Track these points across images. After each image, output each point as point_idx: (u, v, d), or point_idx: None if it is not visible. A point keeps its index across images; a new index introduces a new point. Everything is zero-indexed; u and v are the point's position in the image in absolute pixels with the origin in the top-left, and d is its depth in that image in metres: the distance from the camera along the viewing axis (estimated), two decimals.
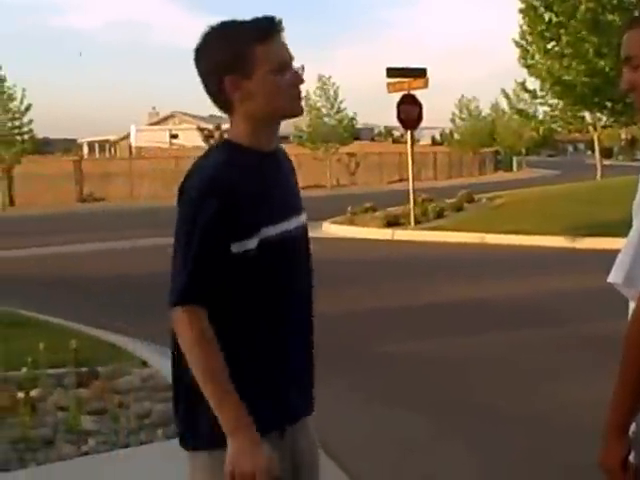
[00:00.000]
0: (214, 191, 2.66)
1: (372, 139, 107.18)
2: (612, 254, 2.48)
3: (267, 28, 2.78)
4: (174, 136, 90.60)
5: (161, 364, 8.06)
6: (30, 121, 48.89)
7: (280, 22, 2.80)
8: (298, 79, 2.83)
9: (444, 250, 19.79)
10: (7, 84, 47.81)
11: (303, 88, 2.90)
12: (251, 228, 2.71)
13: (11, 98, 47.90)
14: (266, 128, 2.86)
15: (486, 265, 16.88)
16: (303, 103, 2.97)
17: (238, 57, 2.74)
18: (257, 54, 2.74)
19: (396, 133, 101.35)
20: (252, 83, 2.75)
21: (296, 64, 2.85)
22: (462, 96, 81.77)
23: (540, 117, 41.61)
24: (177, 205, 2.76)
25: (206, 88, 2.86)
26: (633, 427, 2.46)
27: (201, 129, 59.08)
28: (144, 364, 8.33)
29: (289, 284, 2.86)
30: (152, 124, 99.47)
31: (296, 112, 2.89)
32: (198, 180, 2.71)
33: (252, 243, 2.71)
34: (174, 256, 2.72)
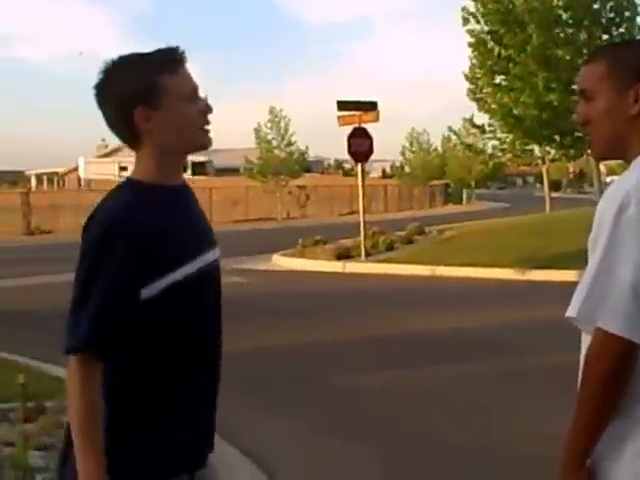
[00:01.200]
0: (125, 232, 2.57)
1: (323, 172, 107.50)
2: (562, 286, 2.52)
3: (173, 58, 2.73)
4: (123, 168, 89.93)
5: None
6: None
7: (184, 52, 2.75)
8: (207, 108, 2.78)
9: (395, 282, 19.83)
10: None
11: (213, 118, 2.81)
12: (165, 268, 2.62)
13: None
14: (174, 161, 2.78)
15: (437, 297, 16.93)
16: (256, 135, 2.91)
17: (146, 87, 2.66)
18: (165, 84, 2.68)
19: (347, 166, 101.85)
20: (161, 114, 2.68)
21: (202, 94, 2.80)
22: (412, 129, 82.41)
23: (489, 151, 41.97)
24: (81, 245, 2.66)
25: (111, 124, 2.76)
26: (588, 462, 2.46)
27: None
28: None
29: (202, 324, 2.77)
30: (101, 156, 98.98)
31: (204, 144, 2.81)
32: (106, 220, 2.60)
33: (165, 283, 2.62)
34: (73, 299, 2.58)
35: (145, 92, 2.66)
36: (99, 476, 2.51)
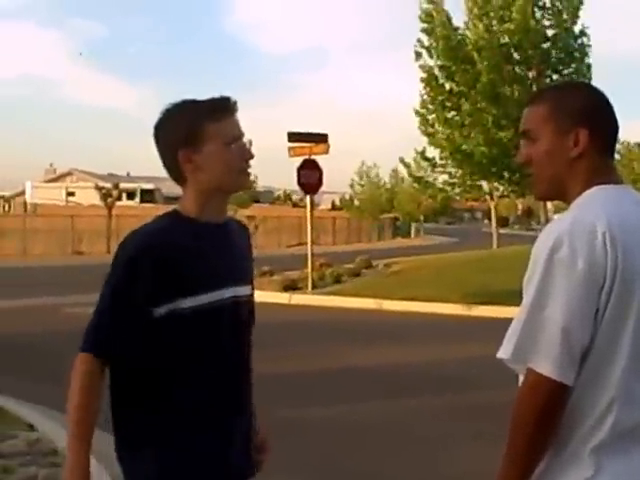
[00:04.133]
0: (148, 253, 2.88)
1: (272, 202, 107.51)
2: (507, 322, 2.49)
3: (220, 108, 3.03)
4: (71, 194, 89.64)
5: (47, 428, 7.82)
6: None
7: (235, 103, 3.06)
8: (245, 153, 3.08)
9: (341, 315, 19.78)
10: None
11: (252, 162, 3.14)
12: (180, 293, 2.90)
13: None
14: (214, 200, 3.06)
15: (383, 331, 16.91)
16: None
17: (190, 133, 2.98)
18: (208, 131, 2.99)
19: (295, 197, 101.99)
20: (202, 156, 2.98)
21: (245, 140, 3.11)
22: (362, 163, 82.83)
23: (439, 185, 42.20)
24: (112, 260, 2.96)
25: (162, 161, 3.08)
26: None
27: (99, 187, 58.41)
28: (30, 427, 8.07)
29: (216, 350, 3.02)
30: (49, 181, 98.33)
31: (242, 185, 3.17)
32: (130, 242, 2.94)
33: (176, 306, 2.90)
34: (95, 307, 2.93)
35: (188, 137, 2.99)
36: (84, 470, 2.80)
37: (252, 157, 3.12)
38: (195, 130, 2.98)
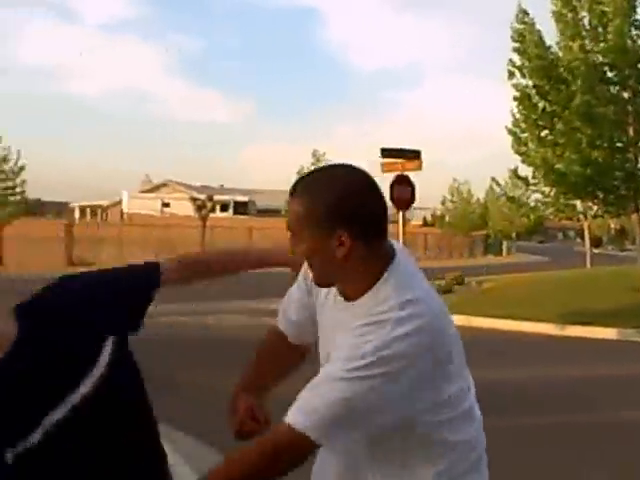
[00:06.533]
0: None
1: None
2: (600, 343, 2.52)
3: None
4: (166, 204, 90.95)
5: None
6: (23, 182, 48.39)
7: None
8: None
9: None
10: (2, 145, 47.13)
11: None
12: None
13: (6, 159, 47.18)
14: None
15: (471, 348, 16.78)
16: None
17: None
18: None
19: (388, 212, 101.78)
20: None
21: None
22: (454, 180, 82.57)
23: (532, 204, 41.78)
24: None
25: None
26: None
27: (194, 199, 59.23)
28: None
29: None
30: (145, 191, 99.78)
31: None
32: None
33: None
34: None
35: None
36: None
37: None
38: None
